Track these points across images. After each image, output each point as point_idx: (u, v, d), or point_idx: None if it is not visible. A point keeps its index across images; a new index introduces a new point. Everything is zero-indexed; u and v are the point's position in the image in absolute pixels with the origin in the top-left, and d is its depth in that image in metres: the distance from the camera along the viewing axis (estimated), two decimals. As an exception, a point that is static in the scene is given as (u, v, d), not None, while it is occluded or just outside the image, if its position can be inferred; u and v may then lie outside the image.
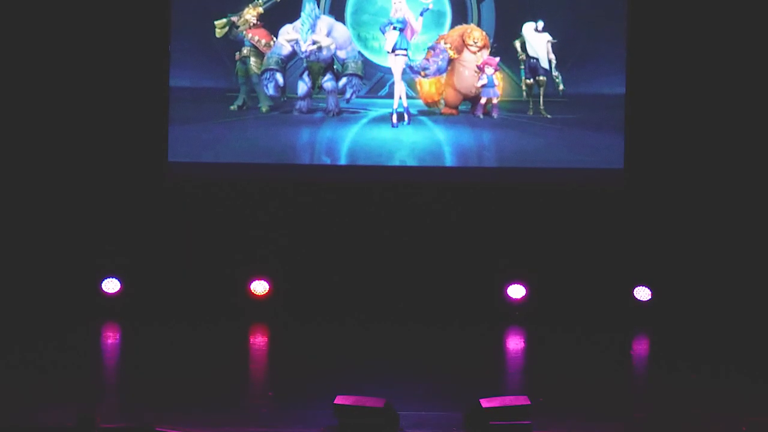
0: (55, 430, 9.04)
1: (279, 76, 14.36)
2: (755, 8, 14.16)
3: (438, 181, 14.46)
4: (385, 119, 14.46)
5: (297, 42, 14.39)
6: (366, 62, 14.49)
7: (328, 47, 14.33)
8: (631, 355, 13.13)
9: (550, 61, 14.32)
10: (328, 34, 14.36)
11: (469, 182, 14.42)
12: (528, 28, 14.33)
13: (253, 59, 14.45)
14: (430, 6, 14.36)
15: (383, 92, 14.52)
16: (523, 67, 14.38)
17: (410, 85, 14.47)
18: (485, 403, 9.34)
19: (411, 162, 14.45)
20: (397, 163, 14.46)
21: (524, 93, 14.38)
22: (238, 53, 14.43)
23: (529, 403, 9.40)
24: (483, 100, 14.42)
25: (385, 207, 14.46)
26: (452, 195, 14.44)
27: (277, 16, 14.47)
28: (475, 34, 14.39)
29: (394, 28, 14.33)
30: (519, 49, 14.35)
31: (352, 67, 14.38)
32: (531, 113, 14.34)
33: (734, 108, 14.24)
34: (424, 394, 10.84)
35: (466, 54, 14.43)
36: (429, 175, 14.46)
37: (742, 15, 14.15)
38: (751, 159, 14.30)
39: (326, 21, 14.39)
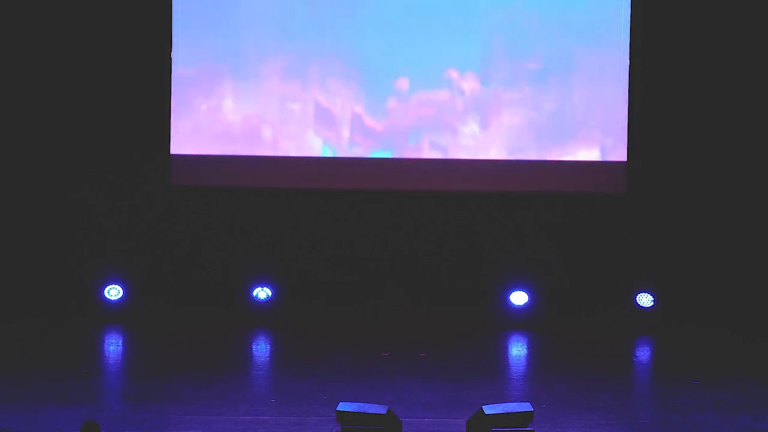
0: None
1: None
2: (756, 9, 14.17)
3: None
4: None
5: None
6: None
7: None
8: (633, 361, 13.12)
9: None
10: None
11: (469, 186, 14.40)
12: None
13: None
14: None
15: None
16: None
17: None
18: (488, 409, 9.33)
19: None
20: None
21: None
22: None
23: (532, 409, 9.38)
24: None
25: (385, 208, 14.47)
26: (452, 198, 14.43)
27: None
28: None
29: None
30: None
31: None
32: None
33: (737, 111, 14.21)
34: (427, 400, 10.83)
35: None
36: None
37: (744, 15, 14.14)
38: (756, 162, 14.27)
39: None
